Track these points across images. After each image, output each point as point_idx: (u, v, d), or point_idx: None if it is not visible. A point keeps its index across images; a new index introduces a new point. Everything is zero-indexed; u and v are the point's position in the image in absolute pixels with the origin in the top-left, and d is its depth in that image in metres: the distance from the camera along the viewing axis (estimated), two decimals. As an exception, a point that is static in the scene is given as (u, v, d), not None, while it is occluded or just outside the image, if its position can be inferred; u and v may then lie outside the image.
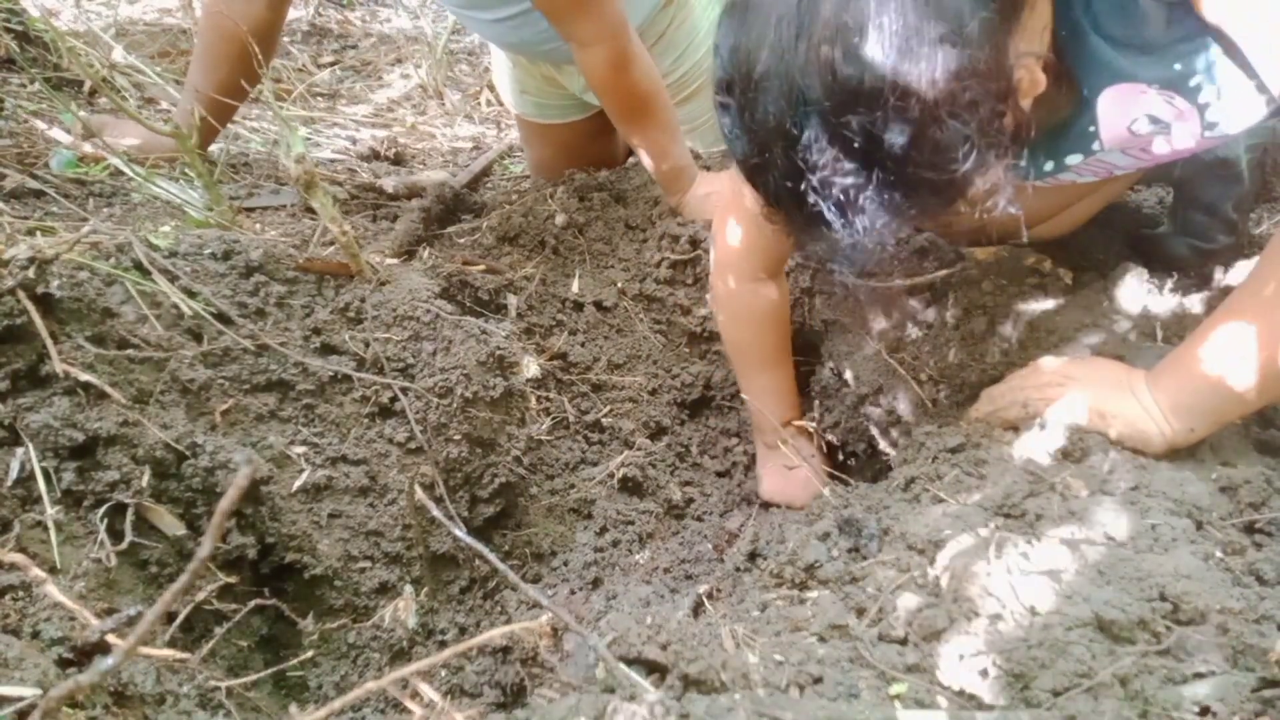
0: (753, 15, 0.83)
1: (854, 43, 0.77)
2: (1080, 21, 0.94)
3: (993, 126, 0.82)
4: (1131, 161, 1.10)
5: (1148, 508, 0.90)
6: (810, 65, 0.79)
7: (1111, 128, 1.02)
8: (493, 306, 1.60)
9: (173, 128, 1.34)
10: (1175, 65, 0.93)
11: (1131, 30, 0.93)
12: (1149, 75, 0.95)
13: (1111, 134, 1.02)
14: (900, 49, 0.77)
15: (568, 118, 2.11)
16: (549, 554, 1.40)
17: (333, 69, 3.12)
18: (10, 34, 1.90)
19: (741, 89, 0.84)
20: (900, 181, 0.82)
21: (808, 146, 0.81)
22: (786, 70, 0.80)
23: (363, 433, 1.23)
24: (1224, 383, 0.94)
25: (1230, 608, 0.77)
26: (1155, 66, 0.94)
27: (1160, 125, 0.99)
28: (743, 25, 0.84)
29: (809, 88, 0.79)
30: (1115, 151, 1.06)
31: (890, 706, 0.70)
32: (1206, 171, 1.34)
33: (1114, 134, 1.02)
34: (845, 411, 1.54)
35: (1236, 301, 0.96)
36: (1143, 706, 0.69)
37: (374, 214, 1.94)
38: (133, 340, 1.04)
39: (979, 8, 0.79)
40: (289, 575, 1.15)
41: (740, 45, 0.83)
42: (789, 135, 0.82)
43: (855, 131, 0.79)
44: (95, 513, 0.94)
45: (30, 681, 0.70)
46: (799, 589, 0.93)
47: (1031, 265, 1.40)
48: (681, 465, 1.64)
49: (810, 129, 0.80)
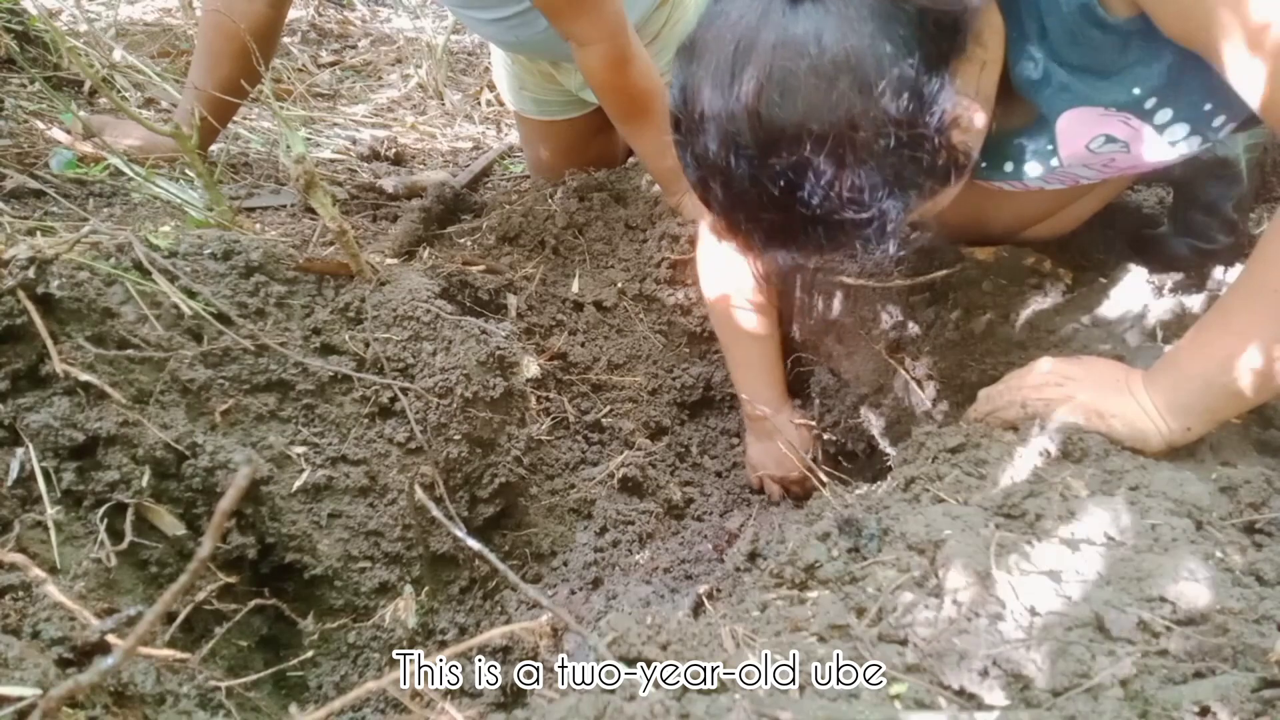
0: (697, 58, 0.88)
1: (777, 92, 0.83)
2: (1034, 51, 0.98)
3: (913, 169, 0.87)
4: (1094, 174, 1.13)
5: (1148, 508, 0.90)
6: (739, 110, 0.84)
7: (1069, 146, 1.06)
8: (493, 306, 1.60)
9: (173, 127, 1.34)
10: (1134, 89, 0.97)
11: (1088, 57, 0.96)
12: (1106, 99, 1.00)
13: (1069, 152, 1.07)
14: (820, 98, 0.82)
15: (567, 115, 2.11)
16: (549, 554, 1.40)
17: (333, 69, 3.12)
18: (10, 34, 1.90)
19: (686, 127, 0.90)
20: (821, 220, 0.88)
21: (741, 185, 0.88)
22: (720, 113, 0.86)
23: (363, 433, 1.23)
24: (1219, 381, 0.94)
25: (1230, 608, 0.77)
26: (1113, 90, 0.98)
27: (1118, 144, 1.02)
28: (689, 66, 0.89)
29: (739, 131, 0.85)
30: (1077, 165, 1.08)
31: (890, 707, 0.70)
32: (1206, 171, 1.34)
33: (1072, 151, 1.07)
34: (845, 411, 1.54)
35: (1229, 300, 0.96)
36: (1143, 707, 0.69)
37: (374, 214, 1.94)
38: (133, 340, 1.04)
39: (900, 58, 0.83)
40: (289, 575, 1.15)
41: (686, 85, 0.89)
42: (726, 172, 0.88)
43: (779, 173, 0.85)
44: (95, 513, 0.94)
45: (30, 681, 0.70)
46: (799, 589, 0.93)
47: (1031, 265, 1.40)
48: (681, 465, 1.64)
49: (740, 169, 0.87)
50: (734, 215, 0.92)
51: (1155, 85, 0.96)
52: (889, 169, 0.85)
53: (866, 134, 0.83)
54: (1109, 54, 0.95)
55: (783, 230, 0.91)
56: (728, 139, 0.86)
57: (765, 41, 0.83)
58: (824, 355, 1.59)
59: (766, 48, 0.83)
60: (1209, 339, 0.96)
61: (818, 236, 0.90)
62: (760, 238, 0.94)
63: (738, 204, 0.90)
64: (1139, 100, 0.98)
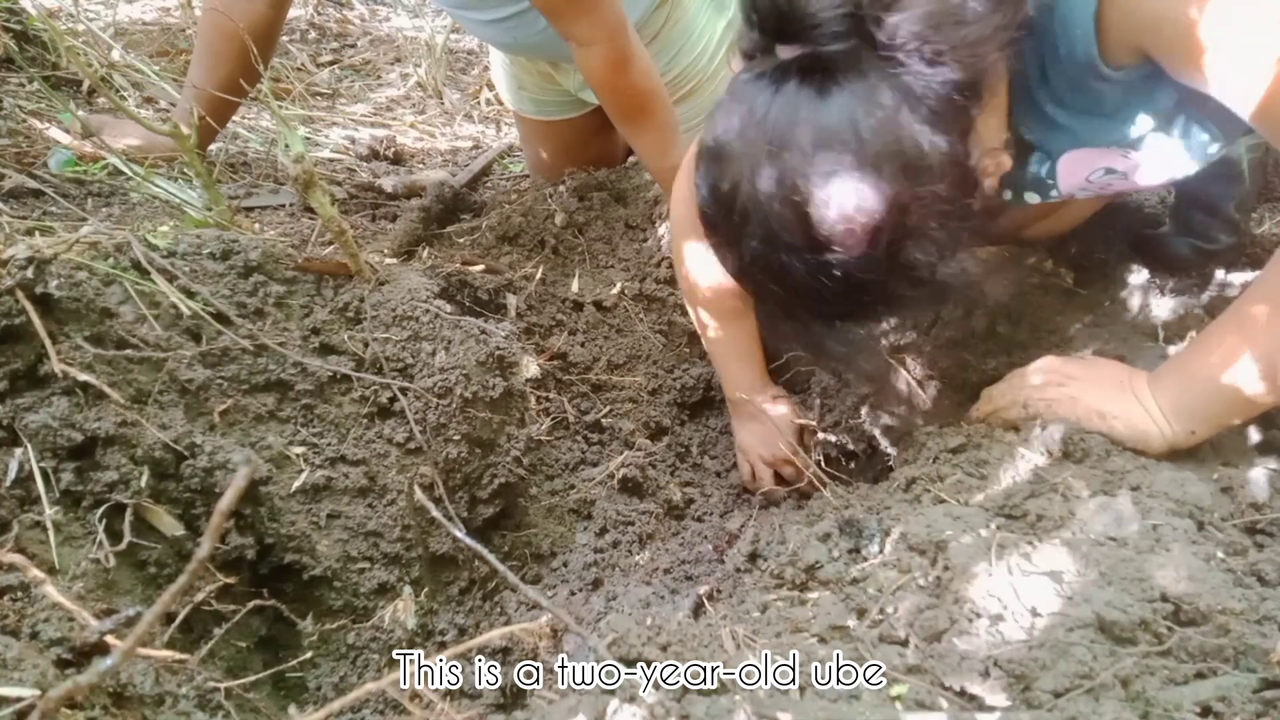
0: (726, 159, 0.87)
1: (825, 191, 0.82)
2: (1037, 96, 0.99)
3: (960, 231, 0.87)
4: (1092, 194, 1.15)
5: (1149, 508, 0.90)
6: (787, 215, 0.84)
7: (1069, 179, 1.08)
8: (492, 306, 1.60)
9: (171, 127, 1.34)
10: (1131, 131, 0.99)
11: (1089, 103, 0.97)
12: (1108, 140, 1.01)
13: (1068, 184, 1.08)
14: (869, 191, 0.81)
15: (566, 115, 2.10)
16: (549, 555, 1.40)
17: (332, 68, 3.11)
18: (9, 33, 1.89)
19: (726, 231, 0.90)
20: (883, 301, 0.90)
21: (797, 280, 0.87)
22: (764, 217, 0.85)
23: (362, 433, 1.23)
24: (1227, 387, 0.94)
25: (1232, 608, 0.77)
26: (1114, 130, 1.00)
27: (1117, 174, 1.04)
28: (717, 169, 0.89)
29: (789, 232, 0.85)
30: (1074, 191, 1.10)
31: (891, 708, 0.70)
32: (1209, 172, 1.34)
33: (1071, 184, 1.08)
34: (845, 411, 1.54)
35: (1243, 305, 0.96)
36: (1144, 707, 0.69)
37: (373, 214, 1.93)
38: (131, 340, 1.04)
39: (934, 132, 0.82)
40: (288, 576, 1.14)
41: (717, 187, 0.89)
42: (779, 270, 0.87)
43: (834, 266, 0.85)
44: (94, 513, 0.94)
45: (29, 682, 0.70)
46: (799, 590, 0.93)
47: (1032, 265, 1.40)
48: (681, 466, 1.64)
49: (796, 267, 0.86)
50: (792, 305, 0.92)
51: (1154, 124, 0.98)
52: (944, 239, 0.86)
53: (918, 216, 0.84)
54: (1110, 100, 0.96)
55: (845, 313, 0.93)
56: (777, 241, 0.85)
57: (802, 139, 0.82)
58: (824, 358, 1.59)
59: (805, 145, 0.82)
60: (1219, 343, 0.96)
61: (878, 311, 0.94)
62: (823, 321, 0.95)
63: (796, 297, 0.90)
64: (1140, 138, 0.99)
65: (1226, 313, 0.98)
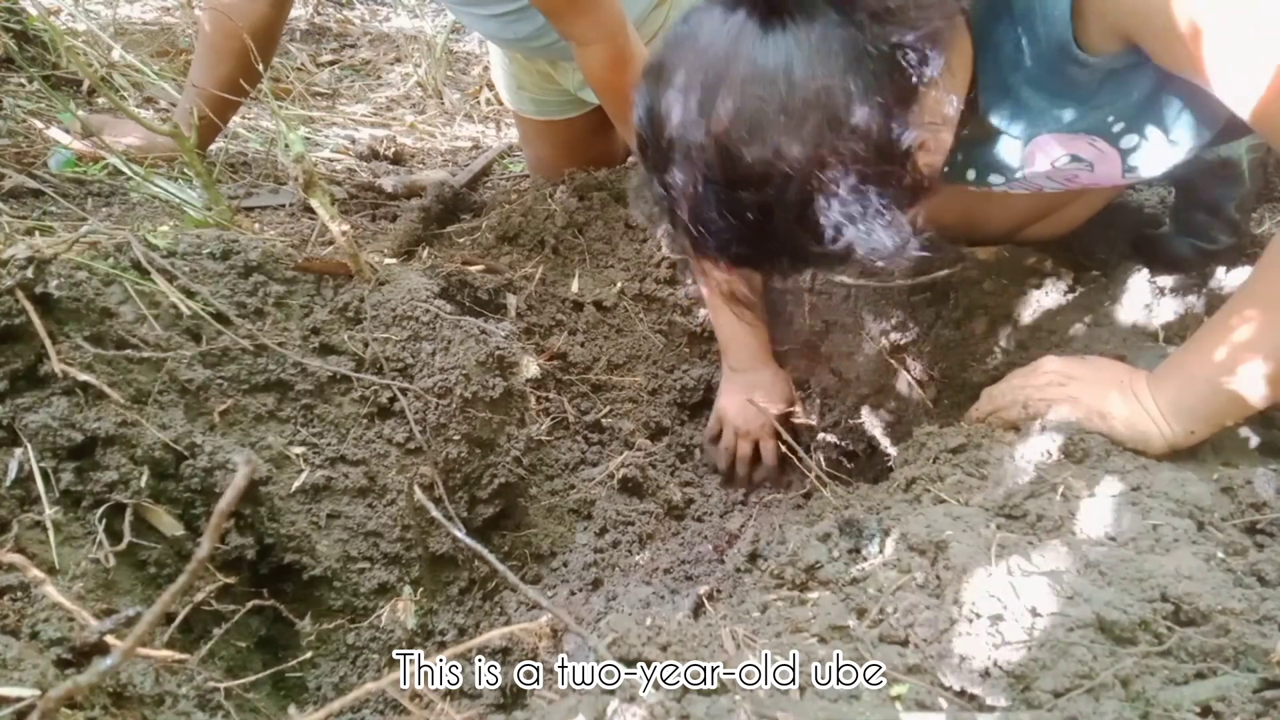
0: (665, 82, 0.88)
1: (746, 128, 0.82)
2: (1009, 80, 0.99)
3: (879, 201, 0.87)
4: (1058, 186, 1.15)
5: (1149, 508, 0.90)
6: (709, 143, 0.84)
7: (1034, 163, 1.08)
8: (492, 306, 1.60)
9: (172, 127, 1.34)
10: (1107, 117, 0.99)
11: (1063, 88, 0.98)
12: (1080, 126, 1.01)
13: (1034, 169, 1.09)
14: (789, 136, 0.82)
15: (565, 114, 2.10)
16: (549, 555, 1.40)
17: (332, 68, 3.12)
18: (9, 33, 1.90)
19: (653, 151, 0.90)
20: (786, 249, 0.90)
21: (707, 214, 0.88)
22: (689, 144, 0.85)
23: (362, 433, 1.23)
24: (1225, 386, 0.94)
25: (1232, 608, 0.77)
26: (1086, 117, 1.00)
27: (1083, 163, 1.04)
28: (656, 89, 0.89)
29: (708, 163, 0.85)
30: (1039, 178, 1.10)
31: (891, 708, 0.70)
32: (1208, 171, 1.34)
33: (1035, 169, 1.08)
34: (845, 411, 1.54)
35: (1238, 304, 0.96)
36: (1144, 707, 0.69)
37: (373, 214, 1.93)
38: (131, 340, 1.04)
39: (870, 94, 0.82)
40: (288, 576, 1.14)
41: (653, 109, 0.89)
42: (693, 200, 0.88)
43: (745, 206, 0.86)
44: (94, 513, 0.94)
45: (29, 682, 0.70)
46: (799, 590, 0.93)
47: (1032, 265, 1.40)
48: (681, 466, 1.64)
49: (708, 199, 0.87)
50: (700, 242, 0.92)
51: (1126, 112, 0.98)
52: (856, 204, 0.86)
53: (835, 172, 0.83)
54: (1084, 86, 0.96)
55: (750, 259, 0.93)
56: (695, 169, 0.86)
57: (736, 73, 0.82)
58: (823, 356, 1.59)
59: (737, 80, 0.82)
60: (1216, 342, 0.96)
61: (784, 265, 0.93)
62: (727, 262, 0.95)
63: (704, 232, 0.90)
64: (1109, 125, 0.99)
65: (1222, 310, 0.98)
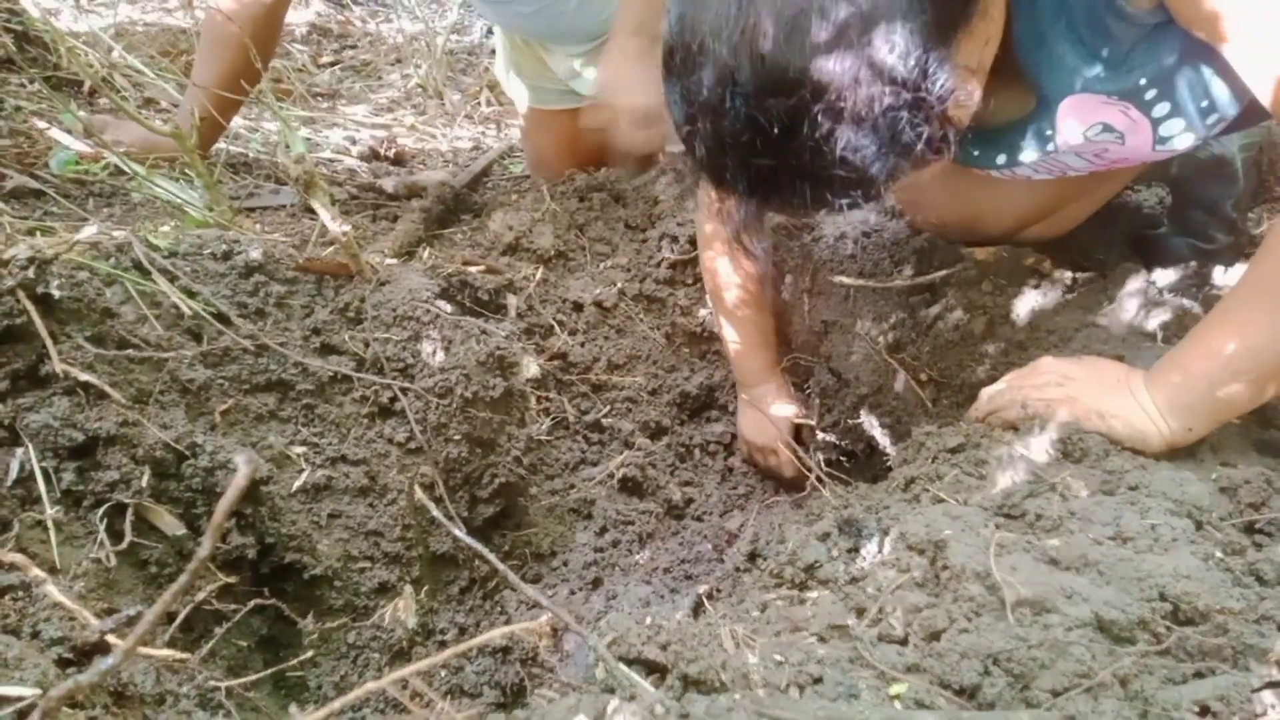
0: None
1: (784, 34, 0.79)
2: (1047, 31, 0.96)
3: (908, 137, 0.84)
4: (1085, 164, 1.13)
5: (1148, 508, 0.90)
6: (742, 48, 0.81)
7: (1067, 132, 1.05)
8: (493, 306, 1.60)
9: (173, 128, 1.34)
10: (1140, 80, 0.96)
11: (1101, 44, 0.95)
12: (1111, 88, 0.98)
13: (1066, 138, 1.06)
14: (826, 45, 0.79)
15: (564, 105, 2.11)
16: (549, 554, 1.40)
17: (333, 69, 3.12)
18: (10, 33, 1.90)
19: (682, 58, 0.86)
20: (810, 173, 0.85)
21: (733, 126, 0.84)
22: (721, 48, 0.82)
23: (362, 433, 1.23)
24: (1221, 382, 0.94)
25: (1230, 608, 0.77)
26: (1120, 79, 0.97)
27: (1114, 134, 1.01)
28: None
29: (738, 68, 0.81)
30: (1069, 154, 1.08)
31: (890, 707, 0.70)
32: (1205, 171, 1.34)
33: (1069, 138, 1.06)
34: (845, 411, 1.54)
35: (1233, 300, 0.96)
36: (1143, 707, 0.69)
37: (374, 214, 1.94)
38: (132, 340, 1.04)
39: (911, 18, 0.80)
40: (289, 575, 1.15)
41: (686, 15, 0.85)
42: (716, 110, 0.84)
43: (773, 118, 0.82)
44: (95, 513, 0.94)
45: (30, 681, 0.70)
46: (799, 589, 0.93)
47: (1031, 265, 1.40)
48: (681, 465, 1.64)
49: (735, 108, 0.83)
50: (720, 158, 0.88)
51: (1158, 77, 0.96)
52: (885, 131, 0.83)
53: (869, 91, 0.80)
54: (1122, 43, 0.94)
55: (768, 180, 0.88)
56: (725, 76, 0.82)
57: None
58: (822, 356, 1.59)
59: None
60: (1212, 339, 0.96)
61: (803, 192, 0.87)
62: (744, 185, 0.90)
63: (727, 146, 0.86)
64: (1141, 90, 0.97)
65: (1218, 307, 0.98)
